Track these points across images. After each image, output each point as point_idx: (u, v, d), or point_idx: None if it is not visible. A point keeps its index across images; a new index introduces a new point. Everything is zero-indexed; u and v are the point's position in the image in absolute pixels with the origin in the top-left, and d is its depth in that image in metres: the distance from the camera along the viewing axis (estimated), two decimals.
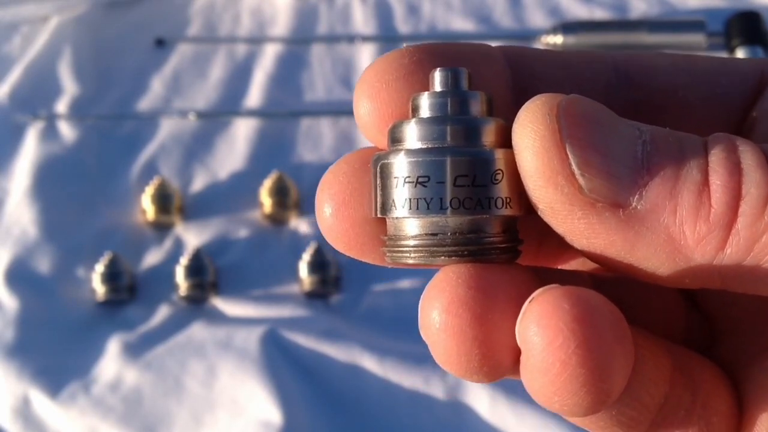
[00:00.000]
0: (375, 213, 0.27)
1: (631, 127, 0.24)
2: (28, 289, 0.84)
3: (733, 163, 0.23)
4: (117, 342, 0.80)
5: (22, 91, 0.98)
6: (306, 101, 0.99)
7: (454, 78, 0.26)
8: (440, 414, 0.75)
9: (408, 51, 0.27)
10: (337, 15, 1.06)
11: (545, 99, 0.24)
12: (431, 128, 0.26)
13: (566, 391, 0.23)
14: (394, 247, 0.26)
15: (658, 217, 0.23)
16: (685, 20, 1.01)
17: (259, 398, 0.75)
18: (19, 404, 0.77)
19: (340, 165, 0.28)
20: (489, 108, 0.27)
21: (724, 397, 0.27)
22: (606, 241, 0.24)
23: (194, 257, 0.83)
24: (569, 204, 0.24)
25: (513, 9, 1.05)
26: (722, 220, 0.23)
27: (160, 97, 0.99)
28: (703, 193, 0.23)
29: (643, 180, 0.24)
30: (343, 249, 0.28)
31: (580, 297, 0.23)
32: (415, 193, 0.25)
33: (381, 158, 0.26)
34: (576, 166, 0.24)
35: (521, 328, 0.24)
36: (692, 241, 0.23)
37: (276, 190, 0.87)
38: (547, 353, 0.23)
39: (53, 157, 0.93)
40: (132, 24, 1.05)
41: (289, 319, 0.81)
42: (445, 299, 0.25)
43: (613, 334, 0.24)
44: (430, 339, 0.25)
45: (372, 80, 0.27)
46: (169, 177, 0.91)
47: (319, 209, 0.28)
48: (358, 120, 0.28)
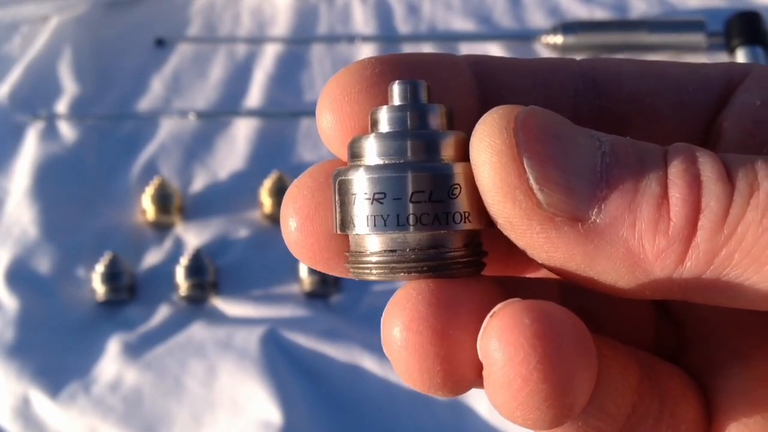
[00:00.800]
0: (335, 229, 0.27)
1: (590, 138, 0.24)
2: (28, 289, 0.84)
3: (692, 176, 0.23)
4: (117, 342, 0.80)
5: (22, 91, 0.98)
6: (306, 101, 0.99)
7: (413, 91, 0.26)
8: (440, 414, 0.75)
9: (370, 63, 0.27)
10: (337, 15, 1.06)
11: (502, 112, 0.24)
12: (390, 144, 0.25)
13: (528, 406, 0.23)
14: (356, 263, 0.26)
15: (617, 231, 0.23)
16: (685, 20, 1.01)
17: (259, 398, 0.75)
18: (19, 404, 0.77)
19: (304, 179, 0.28)
20: (449, 121, 0.26)
21: (693, 405, 0.27)
22: (565, 255, 0.24)
23: (194, 257, 0.83)
24: (528, 219, 0.24)
25: (513, 9, 1.05)
26: (681, 233, 0.23)
27: (160, 97, 0.99)
28: (662, 206, 0.23)
29: (602, 193, 0.23)
30: (309, 263, 0.28)
31: (542, 311, 0.23)
32: (373, 210, 0.25)
33: (340, 174, 0.26)
34: (534, 180, 0.23)
35: (482, 343, 0.24)
36: (652, 255, 0.23)
37: (276, 190, 0.87)
38: (508, 369, 0.23)
39: (53, 157, 0.93)
40: (132, 24, 1.05)
41: (289, 319, 0.81)
42: (406, 316, 0.25)
43: (575, 349, 0.23)
44: (392, 356, 0.25)
45: (334, 93, 0.27)
46: (169, 177, 0.91)
47: (284, 223, 0.28)
48: (321, 133, 0.28)
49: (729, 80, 0.30)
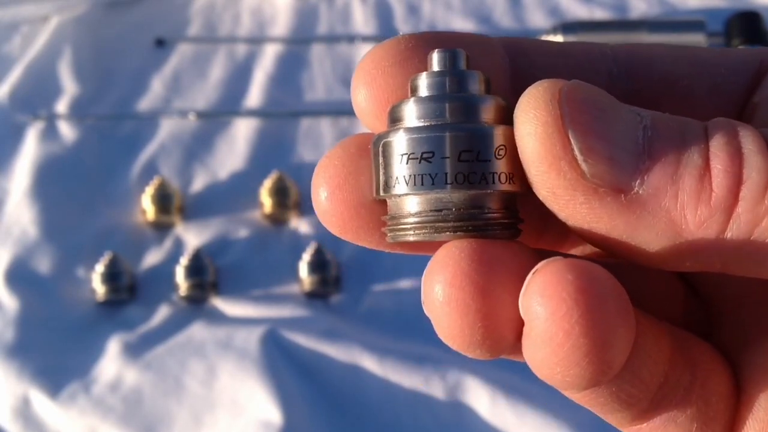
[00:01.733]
0: (377, 193, 0.27)
1: (631, 113, 0.25)
2: (28, 289, 0.84)
3: (734, 148, 0.24)
4: (117, 342, 0.80)
5: (22, 91, 0.98)
6: (306, 101, 0.99)
7: (452, 58, 0.26)
8: (440, 414, 0.75)
9: (404, 38, 0.28)
10: (337, 15, 1.06)
11: (547, 85, 0.24)
12: (431, 106, 0.26)
13: (569, 362, 0.23)
14: (395, 226, 0.27)
15: (659, 202, 0.24)
16: (685, 20, 1.01)
17: (259, 398, 0.75)
18: (19, 404, 0.77)
19: (336, 150, 0.28)
20: (487, 87, 0.27)
21: (723, 379, 0.28)
22: (608, 225, 0.24)
23: (194, 257, 0.83)
24: (572, 189, 0.24)
25: (513, 9, 1.05)
26: (723, 204, 0.23)
27: (160, 97, 0.99)
28: (704, 177, 0.23)
29: (644, 165, 0.24)
30: (338, 232, 0.28)
31: (584, 268, 0.24)
32: (419, 169, 0.25)
33: (382, 137, 0.26)
34: (579, 151, 0.24)
35: (524, 299, 0.24)
36: (693, 225, 0.24)
37: (276, 190, 0.87)
38: (550, 323, 0.23)
39: (53, 157, 0.93)
40: (132, 24, 1.05)
41: (289, 319, 0.81)
42: (449, 273, 0.25)
43: (615, 307, 0.24)
44: (434, 313, 0.25)
45: (369, 67, 0.27)
46: (169, 177, 0.91)
47: (315, 193, 0.28)
48: (356, 107, 0.28)
49: (761, 63, 0.30)
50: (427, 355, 0.77)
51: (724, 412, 0.27)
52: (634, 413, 0.26)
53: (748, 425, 0.27)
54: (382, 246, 0.28)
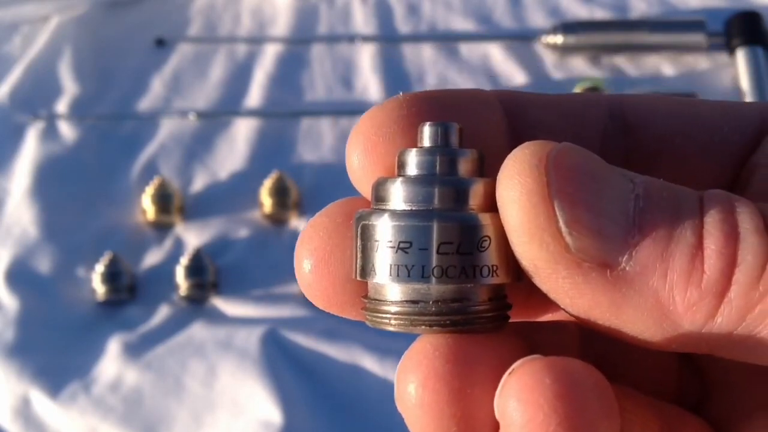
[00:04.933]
0: (355, 275, 0.25)
1: (624, 179, 0.23)
2: (28, 289, 0.84)
3: (730, 227, 0.22)
4: (117, 342, 0.80)
5: (22, 91, 0.98)
6: (306, 101, 0.99)
7: (444, 133, 0.25)
8: None
9: (405, 101, 0.26)
10: (337, 15, 1.06)
11: (534, 148, 0.23)
12: (417, 189, 0.24)
13: None
14: (374, 312, 0.25)
15: (647, 280, 0.22)
16: (685, 20, 1.01)
17: (259, 398, 0.75)
18: (19, 404, 0.77)
19: (321, 218, 0.26)
20: (480, 167, 0.25)
21: None
22: (591, 302, 0.23)
23: (194, 257, 0.83)
24: (554, 262, 0.23)
25: (513, 9, 1.05)
26: (715, 287, 0.22)
27: (160, 97, 0.99)
28: (696, 257, 0.22)
29: (634, 240, 0.22)
30: (323, 306, 0.27)
31: (564, 370, 0.22)
32: (397, 258, 0.24)
33: (363, 218, 0.25)
34: (564, 223, 0.22)
35: (500, 402, 0.23)
36: (682, 308, 0.22)
37: (276, 190, 0.87)
38: (526, 431, 0.22)
39: (53, 157, 0.93)
40: (132, 24, 1.05)
41: (289, 319, 0.81)
42: (422, 373, 0.24)
43: (597, 410, 0.22)
44: (406, 413, 0.24)
45: (368, 132, 0.26)
46: (169, 177, 0.91)
47: (298, 265, 0.27)
48: (351, 173, 0.26)
49: (763, 121, 0.29)
50: None
51: None
52: None
53: None
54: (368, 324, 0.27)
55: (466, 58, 1.01)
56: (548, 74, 0.99)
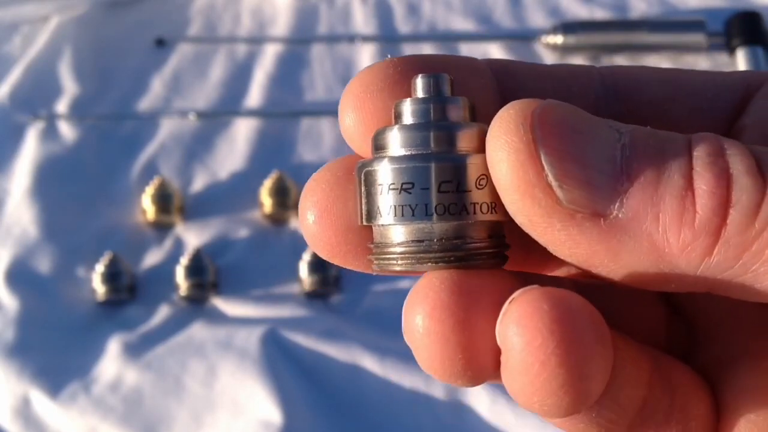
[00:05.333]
0: (360, 221, 0.27)
1: (610, 130, 0.24)
2: (28, 289, 0.84)
3: (720, 168, 0.23)
4: (117, 342, 0.80)
5: (22, 91, 0.98)
6: (306, 101, 0.99)
7: (436, 84, 0.26)
8: (440, 414, 0.75)
9: (392, 62, 0.27)
10: (337, 15, 1.06)
11: (519, 107, 0.24)
12: (414, 135, 0.26)
13: (545, 392, 0.23)
14: (380, 255, 0.26)
15: (640, 225, 0.23)
16: (685, 20, 1.01)
17: (259, 398, 0.75)
18: (19, 404, 0.77)
19: (323, 173, 0.28)
20: (472, 113, 0.26)
21: (702, 401, 0.27)
22: (588, 251, 0.24)
23: (194, 257, 0.83)
24: (548, 216, 0.24)
25: (513, 9, 1.05)
26: (708, 226, 0.23)
27: (160, 97, 0.99)
28: (686, 198, 0.23)
29: (623, 187, 0.23)
30: (326, 256, 0.28)
31: (560, 298, 0.23)
32: (400, 200, 0.25)
33: (365, 166, 0.26)
34: (553, 177, 0.23)
35: (501, 328, 0.24)
36: (677, 249, 0.23)
37: (276, 190, 0.87)
38: (526, 353, 0.23)
39: (53, 157, 0.93)
40: (132, 24, 1.05)
41: (289, 319, 0.81)
42: (428, 305, 0.25)
43: (592, 336, 0.24)
44: (414, 344, 0.25)
45: (357, 91, 0.27)
46: (169, 177, 0.91)
47: (302, 217, 0.28)
48: (344, 131, 0.28)
49: (747, 87, 0.30)
50: None
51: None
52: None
53: None
54: (370, 270, 0.28)
55: None
56: None
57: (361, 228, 0.27)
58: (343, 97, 0.27)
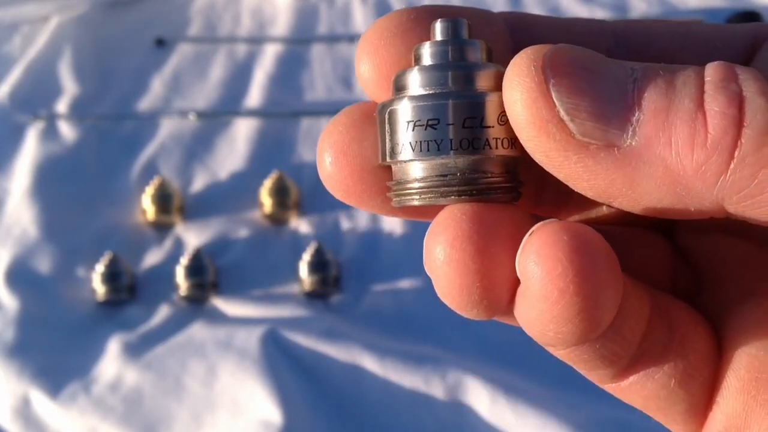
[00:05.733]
0: (383, 159, 0.27)
1: (622, 67, 0.25)
2: (28, 289, 0.84)
3: (731, 91, 0.23)
4: (117, 342, 0.80)
5: (22, 91, 0.98)
6: (306, 101, 0.99)
7: (454, 28, 0.27)
8: (440, 414, 0.75)
9: (406, 11, 0.28)
10: (337, 15, 1.06)
11: (531, 51, 0.25)
12: (435, 74, 0.26)
13: (562, 319, 0.24)
14: (400, 191, 0.27)
15: (654, 151, 0.24)
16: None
17: (259, 398, 0.75)
18: (19, 404, 0.77)
19: (340, 117, 0.29)
20: (489, 55, 0.27)
21: (703, 338, 0.28)
22: (606, 180, 0.25)
23: (194, 257, 0.83)
24: (563, 150, 0.24)
25: (513, 9, 1.05)
26: (720, 145, 0.23)
27: (160, 97, 0.99)
28: (696, 120, 0.23)
29: (635, 116, 0.24)
30: (342, 197, 0.29)
31: (578, 230, 0.24)
32: (424, 135, 0.26)
33: (387, 105, 0.27)
34: (565, 112, 0.24)
35: (521, 258, 0.25)
36: (691, 170, 0.23)
37: (276, 190, 0.87)
38: (546, 282, 0.24)
39: (53, 157, 0.93)
40: (132, 24, 1.05)
41: (289, 319, 0.81)
42: (450, 234, 0.26)
43: (606, 267, 0.24)
44: (435, 272, 0.26)
45: (372, 38, 0.28)
46: (169, 177, 0.91)
47: (320, 158, 0.29)
48: (360, 77, 0.29)
49: (755, 37, 0.30)
50: (427, 355, 0.77)
51: (703, 369, 0.28)
52: (615, 370, 0.27)
53: (727, 381, 0.27)
54: (384, 211, 0.29)
55: None
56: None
57: (376, 169, 0.28)
58: (359, 46, 0.28)
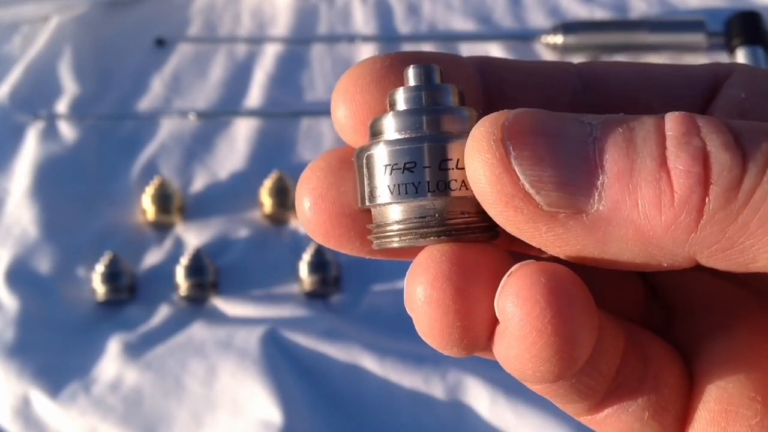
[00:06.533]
0: (362, 203, 0.28)
1: (581, 125, 0.25)
2: (28, 289, 0.84)
3: (694, 147, 0.23)
4: (117, 342, 0.80)
5: (22, 91, 0.98)
6: (306, 101, 0.99)
7: (426, 73, 0.28)
8: (440, 414, 0.75)
9: (380, 58, 0.29)
10: (337, 15, 1.06)
11: (489, 122, 0.25)
12: (410, 119, 0.27)
13: (540, 359, 0.25)
14: (380, 233, 0.28)
15: (621, 214, 0.24)
16: (685, 20, 1.01)
17: (259, 398, 0.75)
18: (19, 404, 0.77)
19: (318, 162, 0.30)
20: (461, 99, 0.28)
21: (675, 371, 0.29)
22: (578, 246, 0.25)
23: (194, 257, 0.83)
24: (533, 222, 0.25)
25: (513, 9, 1.05)
26: (688, 204, 0.23)
27: (160, 97, 0.99)
28: (660, 180, 0.23)
29: (599, 180, 0.24)
30: (322, 240, 0.29)
31: (555, 271, 0.25)
32: (401, 179, 0.27)
33: (365, 150, 0.28)
34: (529, 185, 0.24)
35: (500, 299, 0.26)
36: (661, 230, 0.24)
37: (276, 190, 0.87)
38: (524, 322, 0.25)
39: (53, 157, 0.93)
40: (132, 24, 1.05)
41: (289, 319, 0.81)
42: (430, 275, 0.26)
43: (582, 307, 0.25)
44: (415, 312, 0.27)
45: (347, 85, 0.29)
46: (169, 177, 0.91)
47: (298, 203, 0.29)
48: (336, 124, 0.29)
49: (715, 77, 0.31)
50: (427, 355, 0.77)
51: (675, 402, 0.28)
52: (591, 404, 0.28)
53: (698, 414, 0.28)
54: (363, 253, 0.29)
55: None
56: None
57: (354, 213, 0.29)
58: (334, 93, 0.29)
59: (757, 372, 0.28)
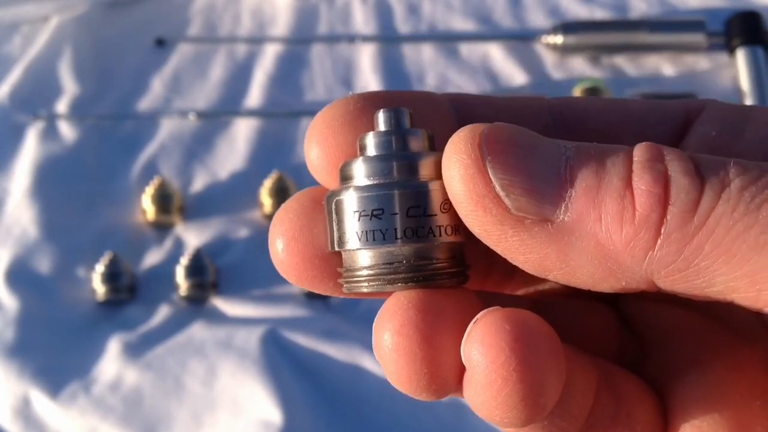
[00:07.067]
0: (332, 247, 0.28)
1: (554, 145, 0.26)
2: (28, 289, 0.84)
3: (657, 171, 0.24)
4: (117, 342, 0.80)
5: (22, 91, 0.98)
6: (306, 101, 0.99)
7: (396, 118, 0.28)
8: (440, 414, 0.75)
9: (353, 99, 0.29)
10: (337, 15, 1.06)
11: (468, 130, 0.26)
12: (379, 165, 0.27)
13: (507, 405, 0.25)
14: (350, 278, 0.28)
15: (585, 226, 0.25)
16: (685, 20, 1.01)
17: (259, 398, 0.75)
18: (19, 404, 0.77)
19: (291, 203, 0.30)
20: (430, 144, 0.28)
21: (649, 408, 0.29)
22: (540, 254, 0.26)
23: (194, 257, 0.83)
24: (500, 224, 0.25)
25: (513, 9, 1.05)
26: (648, 221, 0.24)
27: (160, 97, 0.99)
28: (624, 198, 0.24)
29: (567, 193, 0.25)
30: (294, 281, 0.30)
31: (519, 318, 0.25)
32: (370, 225, 0.27)
33: (334, 195, 0.28)
34: (500, 188, 0.25)
35: (466, 347, 0.26)
36: (620, 245, 0.24)
37: (276, 190, 0.87)
38: (490, 370, 0.25)
39: (53, 157, 0.93)
40: (132, 24, 1.05)
41: (289, 319, 0.81)
42: (397, 322, 0.26)
43: (548, 353, 0.25)
44: (383, 359, 0.27)
45: (320, 126, 0.29)
46: (169, 177, 0.91)
47: (271, 244, 0.30)
48: (309, 164, 0.30)
49: (687, 114, 0.32)
50: None
51: None
52: None
53: None
54: (337, 293, 0.29)
55: (466, 58, 1.01)
56: (548, 74, 0.99)
57: (326, 255, 0.29)
58: (307, 133, 0.29)
59: (731, 410, 0.28)
